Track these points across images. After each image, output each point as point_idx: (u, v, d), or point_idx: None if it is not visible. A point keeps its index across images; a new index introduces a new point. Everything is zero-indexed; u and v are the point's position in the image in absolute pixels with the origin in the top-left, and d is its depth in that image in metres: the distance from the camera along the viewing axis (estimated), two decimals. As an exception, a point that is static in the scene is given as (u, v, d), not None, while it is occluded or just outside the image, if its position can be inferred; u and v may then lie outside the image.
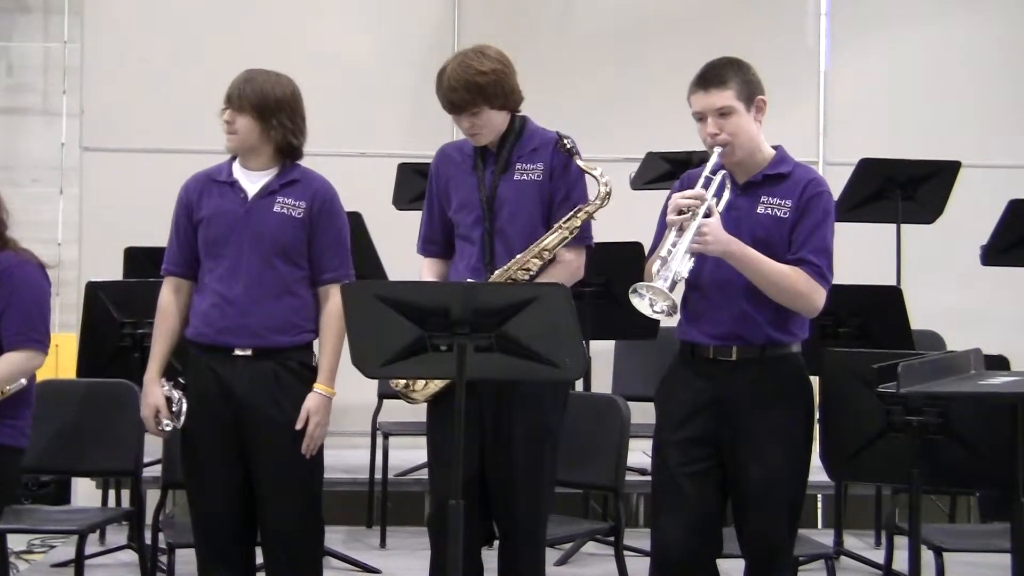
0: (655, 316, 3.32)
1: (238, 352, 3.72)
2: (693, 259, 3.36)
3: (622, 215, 4.17)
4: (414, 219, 3.94)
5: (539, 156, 3.71)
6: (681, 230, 3.36)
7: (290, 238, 3.75)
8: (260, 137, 3.77)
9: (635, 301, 3.29)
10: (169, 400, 3.75)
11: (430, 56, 7.07)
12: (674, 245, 3.35)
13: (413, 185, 5.89)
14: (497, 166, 3.71)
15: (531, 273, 3.63)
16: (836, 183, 5.10)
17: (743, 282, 3.44)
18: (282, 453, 3.70)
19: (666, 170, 5.90)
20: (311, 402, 3.72)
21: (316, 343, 3.82)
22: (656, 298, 3.27)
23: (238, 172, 3.82)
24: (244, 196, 3.78)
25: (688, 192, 3.42)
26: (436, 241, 3.83)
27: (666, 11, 7.22)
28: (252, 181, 3.80)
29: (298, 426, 3.69)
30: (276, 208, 3.76)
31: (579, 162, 3.66)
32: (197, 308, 3.78)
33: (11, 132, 7.23)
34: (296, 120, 3.80)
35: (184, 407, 3.73)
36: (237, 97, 3.75)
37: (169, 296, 3.84)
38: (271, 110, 3.75)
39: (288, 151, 3.81)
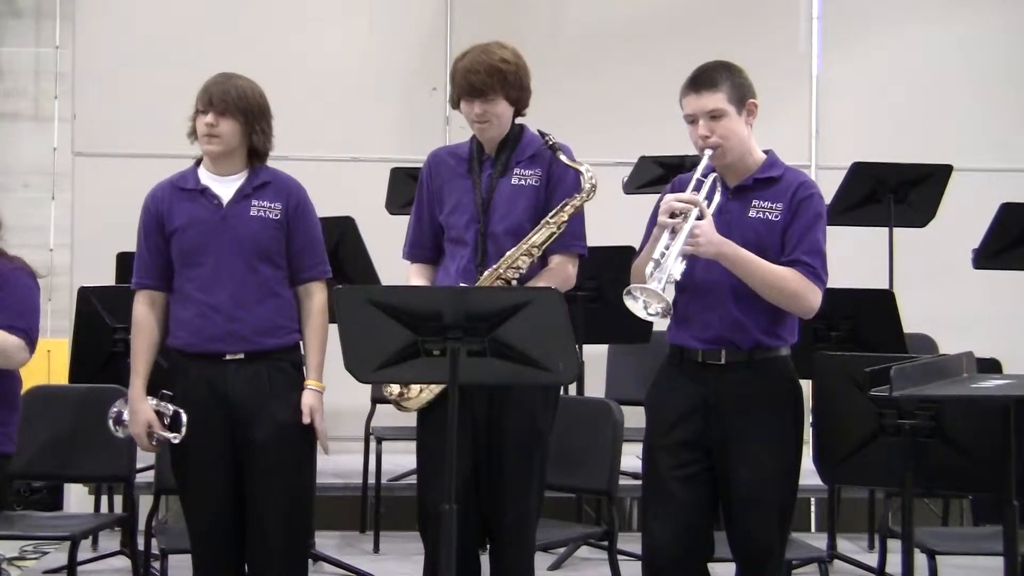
0: (649, 318, 3.32)
1: (229, 357, 3.71)
2: (685, 261, 3.36)
3: (614, 219, 4.17)
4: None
5: (537, 162, 3.72)
6: (673, 232, 3.37)
7: (270, 240, 3.75)
8: (241, 141, 3.75)
9: (629, 303, 3.29)
10: (160, 414, 3.73)
11: (422, 61, 7.12)
12: (667, 247, 3.35)
13: (406, 189, 5.88)
14: (495, 169, 3.72)
15: (521, 271, 3.63)
16: (828, 187, 5.12)
17: (732, 284, 3.45)
18: (276, 455, 3.70)
19: (659, 174, 5.91)
20: (311, 399, 3.73)
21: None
22: (650, 300, 3.27)
23: (206, 178, 3.79)
24: (218, 202, 3.76)
25: (680, 195, 3.43)
26: (424, 246, 3.82)
27: (657, 16, 7.23)
28: (223, 186, 3.77)
29: (306, 421, 3.70)
30: (253, 212, 3.75)
31: (563, 157, 3.67)
32: (180, 318, 3.76)
33: (2, 137, 7.21)
34: (271, 125, 3.80)
35: (184, 418, 3.70)
36: (221, 100, 3.70)
37: (145, 310, 3.81)
38: (254, 115, 3.74)
39: (259, 154, 3.80)
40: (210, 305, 3.71)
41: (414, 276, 3.83)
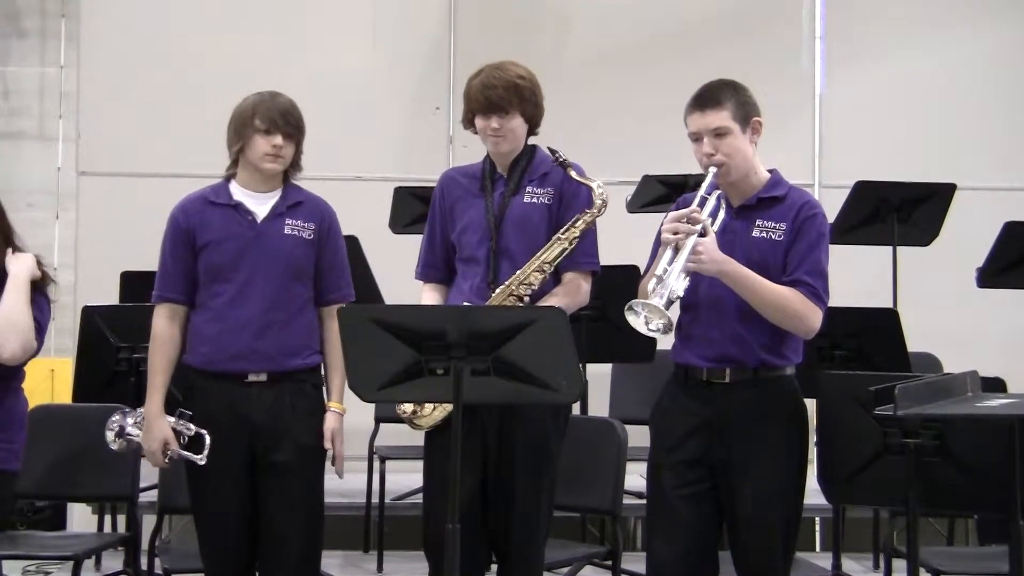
0: (650, 334, 3.32)
1: (252, 378, 3.70)
2: (688, 278, 3.36)
3: (618, 238, 4.17)
4: (410, 243, 3.94)
5: (549, 181, 3.74)
6: (677, 249, 3.37)
7: (303, 259, 3.76)
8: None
9: (630, 319, 3.29)
10: (179, 433, 3.71)
11: (425, 81, 7.14)
12: (670, 264, 3.36)
13: (409, 209, 5.90)
14: (508, 188, 3.74)
15: (533, 287, 3.64)
16: (831, 206, 5.12)
17: (736, 302, 3.45)
18: (297, 477, 3.71)
19: (662, 193, 5.92)
20: (333, 422, 3.75)
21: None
22: (652, 316, 3.27)
23: (239, 194, 3.79)
24: (252, 219, 3.76)
25: (684, 211, 3.44)
26: (437, 266, 3.83)
27: (661, 35, 7.25)
28: (257, 203, 3.78)
29: (327, 446, 3.72)
30: (287, 230, 3.76)
31: (574, 174, 3.68)
32: (203, 334, 3.74)
33: (7, 157, 7.23)
34: None
35: (207, 439, 3.68)
36: (286, 123, 3.73)
37: (166, 324, 3.78)
38: (303, 135, 3.81)
39: (291, 172, 3.84)
40: (238, 321, 3.70)
41: (427, 296, 3.83)
